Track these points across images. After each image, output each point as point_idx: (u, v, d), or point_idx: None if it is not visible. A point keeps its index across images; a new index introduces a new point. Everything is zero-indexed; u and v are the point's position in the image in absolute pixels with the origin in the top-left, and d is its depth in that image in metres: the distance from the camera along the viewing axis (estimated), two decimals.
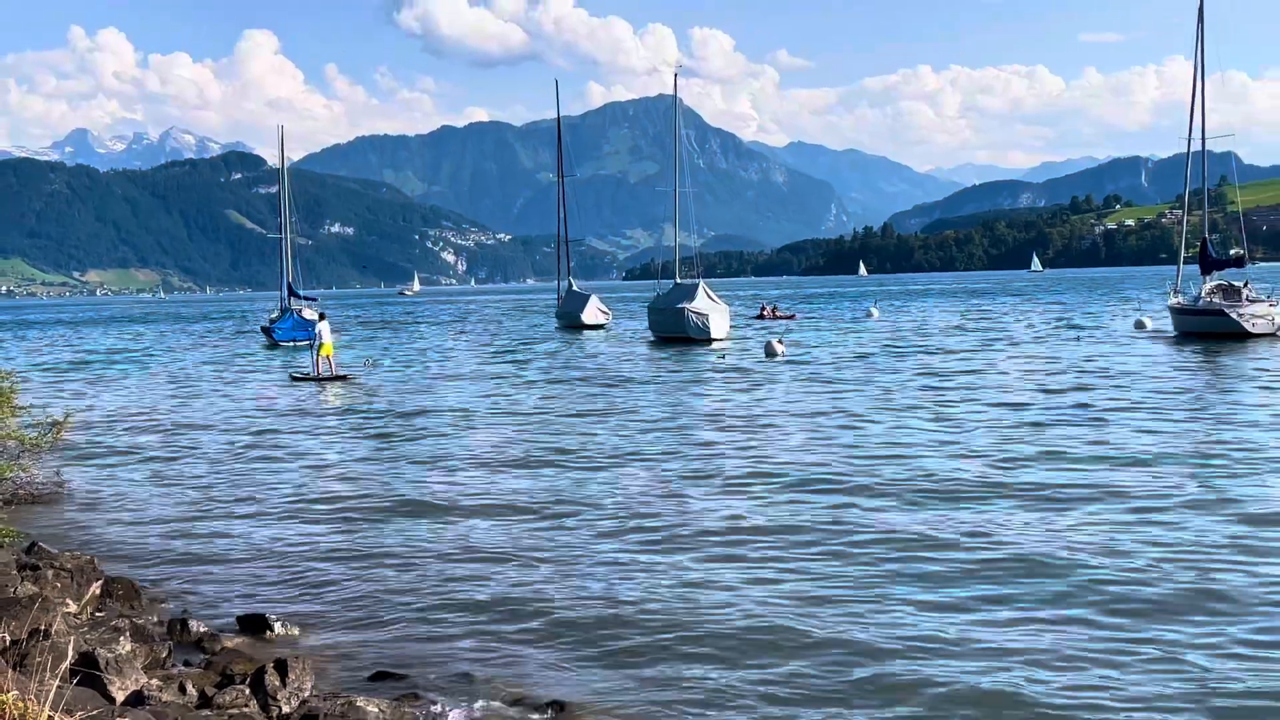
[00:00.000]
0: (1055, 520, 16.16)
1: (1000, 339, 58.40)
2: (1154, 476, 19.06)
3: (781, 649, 11.25)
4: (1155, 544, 14.58)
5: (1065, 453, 21.80)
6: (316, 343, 43.90)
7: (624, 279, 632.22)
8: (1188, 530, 15.29)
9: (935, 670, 10.50)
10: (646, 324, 70.18)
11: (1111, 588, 12.80)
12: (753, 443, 24.82)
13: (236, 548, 16.49)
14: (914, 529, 15.90)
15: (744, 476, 20.52)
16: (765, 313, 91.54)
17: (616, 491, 19.74)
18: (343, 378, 43.11)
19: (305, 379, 43.29)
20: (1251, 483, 18.35)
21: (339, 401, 36.86)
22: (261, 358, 62.20)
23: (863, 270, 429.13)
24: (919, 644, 11.24)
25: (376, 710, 8.93)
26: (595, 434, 27.52)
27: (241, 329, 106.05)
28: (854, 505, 17.72)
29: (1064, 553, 14.31)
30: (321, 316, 46.82)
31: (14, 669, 8.32)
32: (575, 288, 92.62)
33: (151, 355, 67.37)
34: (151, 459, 25.26)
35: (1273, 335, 49.63)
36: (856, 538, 15.56)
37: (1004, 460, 21.25)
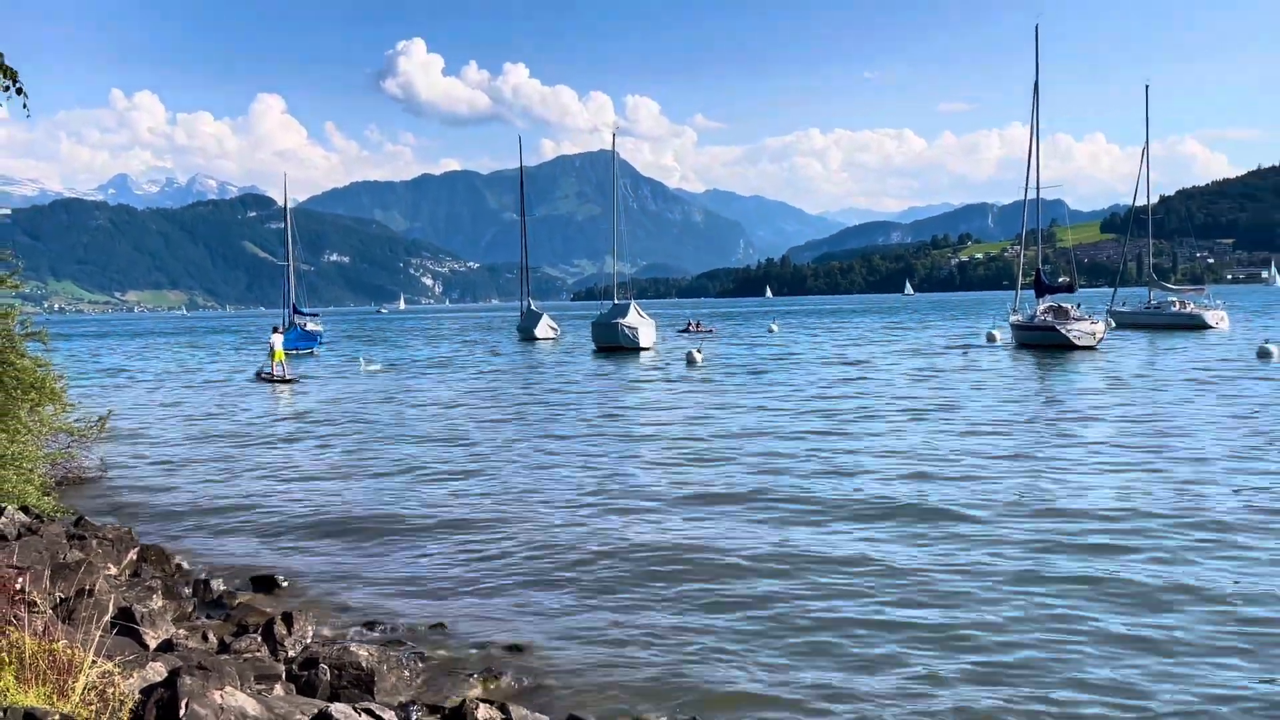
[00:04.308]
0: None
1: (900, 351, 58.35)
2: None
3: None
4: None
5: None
6: (270, 350, 45.73)
7: (572, 300, 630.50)
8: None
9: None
10: (590, 337, 70.17)
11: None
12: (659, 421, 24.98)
13: (249, 520, 16.32)
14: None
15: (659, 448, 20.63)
16: (690, 327, 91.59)
17: (568, 460, 19.81)
18: (292, 380, 44.02)
19: (269, 378, 44.54)
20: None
21: (296, 397, 37.34)
22: (267, 365, 61.30)
23: (769, 293, 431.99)
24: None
25: (366, 654, 8.87)
26: (538, 417, 27.71)
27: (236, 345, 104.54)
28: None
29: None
30: (275, 330, 48.16)
31: (64, 621, 8.20)
32: (533, 307, 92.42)
33: (178, 361, 66.32)
34: (178, 447, 24.90)
35: (1093, 347, 50.53)
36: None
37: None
